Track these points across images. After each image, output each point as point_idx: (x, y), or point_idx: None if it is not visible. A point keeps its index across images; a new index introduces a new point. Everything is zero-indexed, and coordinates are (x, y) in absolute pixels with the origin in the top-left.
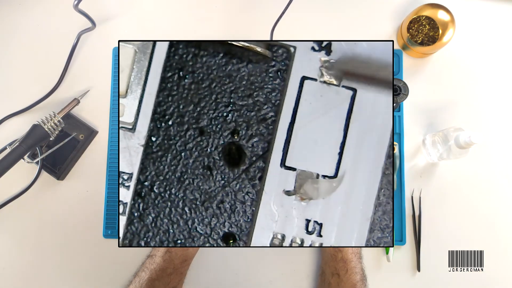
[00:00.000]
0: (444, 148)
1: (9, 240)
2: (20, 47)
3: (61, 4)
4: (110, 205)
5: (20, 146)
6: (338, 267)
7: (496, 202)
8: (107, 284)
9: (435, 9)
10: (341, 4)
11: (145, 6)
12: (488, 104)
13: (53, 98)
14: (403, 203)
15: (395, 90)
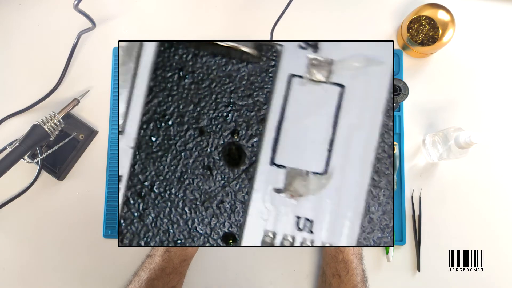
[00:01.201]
0: (444, 148)
1: (9, 240)
2: (20, 47)
3: (61, 4)
4: (110, 205)
5: (20, 146)
6: (339, 268)
7: (496, 202)
8: (107, 284)
9: (435, 9)
10: (341, 4)
11: (145, 6)
12: (488, 104)
13: (53, 98)
14: (403, 203)
15: (395, 90)
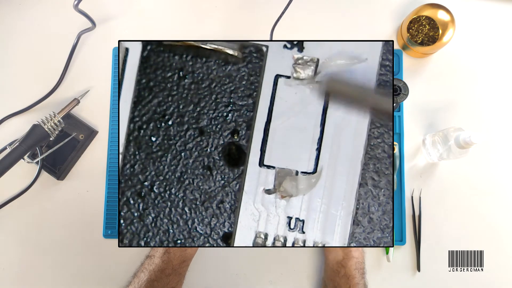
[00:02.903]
0: (444, 148)
1: (9, 240)
2: (20, 47)
3: (61, 4)
4: (110, 205)
5: (20, 146)
6: (341, 283)
7: (496, 202)
8: (107, 284)
9: (435, 9)
10: (341, 4)
11: (145, 6)
12: (488, 104)
13: (53, 98)
14: (403, 203)
15: (395, 90)
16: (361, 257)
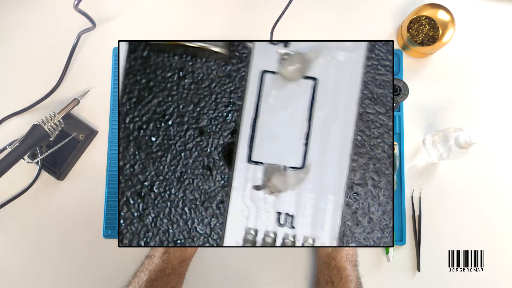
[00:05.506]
0: (444, 148)
1: (9, 240)
2: (20, 47)
3: (61, 4)
4: (110, 205)
5: (20, 146)
6: (332, 275)
7: (496, 202)
8: (107, 284)
9: (435, 9)
10: (341, 4)
11: (145, 6)
12: (488, 104)
13: (53, 98)
14: (403, 203)
15: (395, 90)
16: (352, 250)
